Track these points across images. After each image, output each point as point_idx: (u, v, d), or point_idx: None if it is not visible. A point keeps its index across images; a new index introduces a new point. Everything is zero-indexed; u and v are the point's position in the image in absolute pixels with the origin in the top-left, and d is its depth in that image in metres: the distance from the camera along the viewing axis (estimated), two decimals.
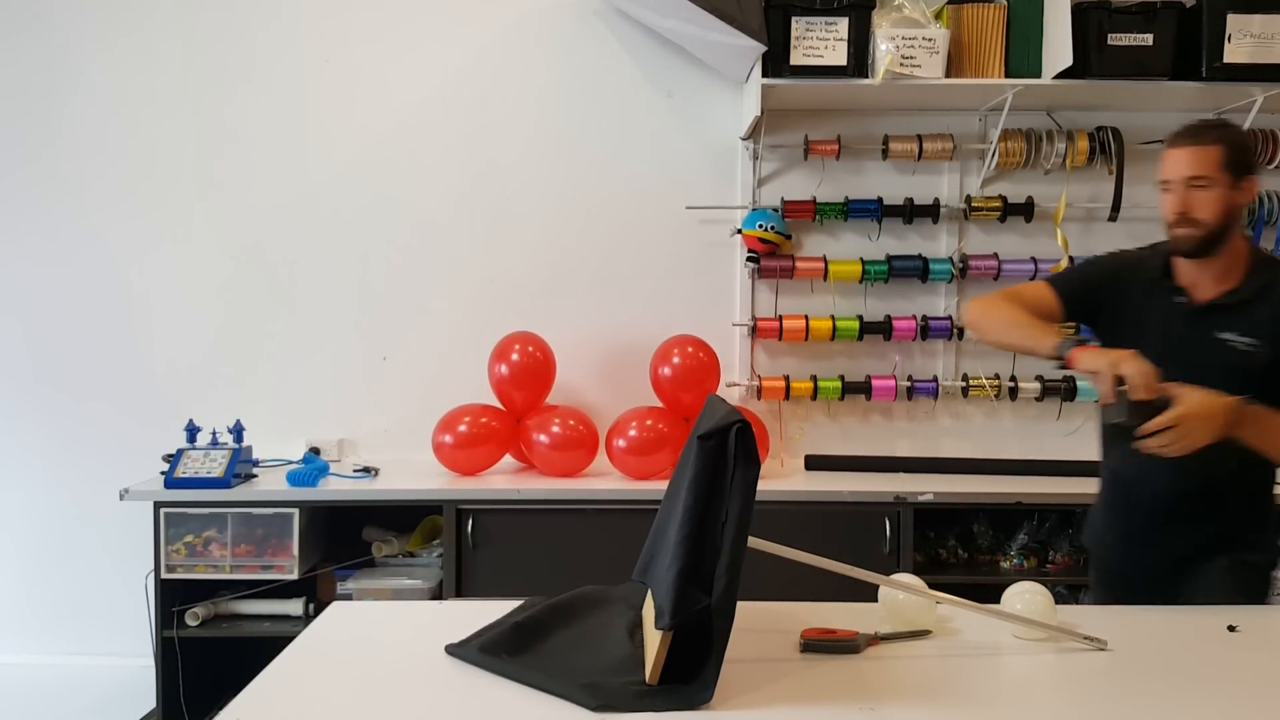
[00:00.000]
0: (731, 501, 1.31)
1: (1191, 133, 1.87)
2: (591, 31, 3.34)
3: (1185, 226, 1.85)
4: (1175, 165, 1.86)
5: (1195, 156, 1.84)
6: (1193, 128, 1.88)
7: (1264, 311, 1.85)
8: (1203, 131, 1.86)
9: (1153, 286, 1.96)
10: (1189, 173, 1.84)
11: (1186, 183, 1.84)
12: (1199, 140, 1.85)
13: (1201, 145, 1.84)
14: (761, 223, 3.21)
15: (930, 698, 1.35)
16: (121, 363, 3.42)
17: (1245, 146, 1.89)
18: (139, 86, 3.39)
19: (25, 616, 3.46)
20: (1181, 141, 1.86)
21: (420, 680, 1.42)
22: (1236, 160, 1.84)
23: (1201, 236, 1.85)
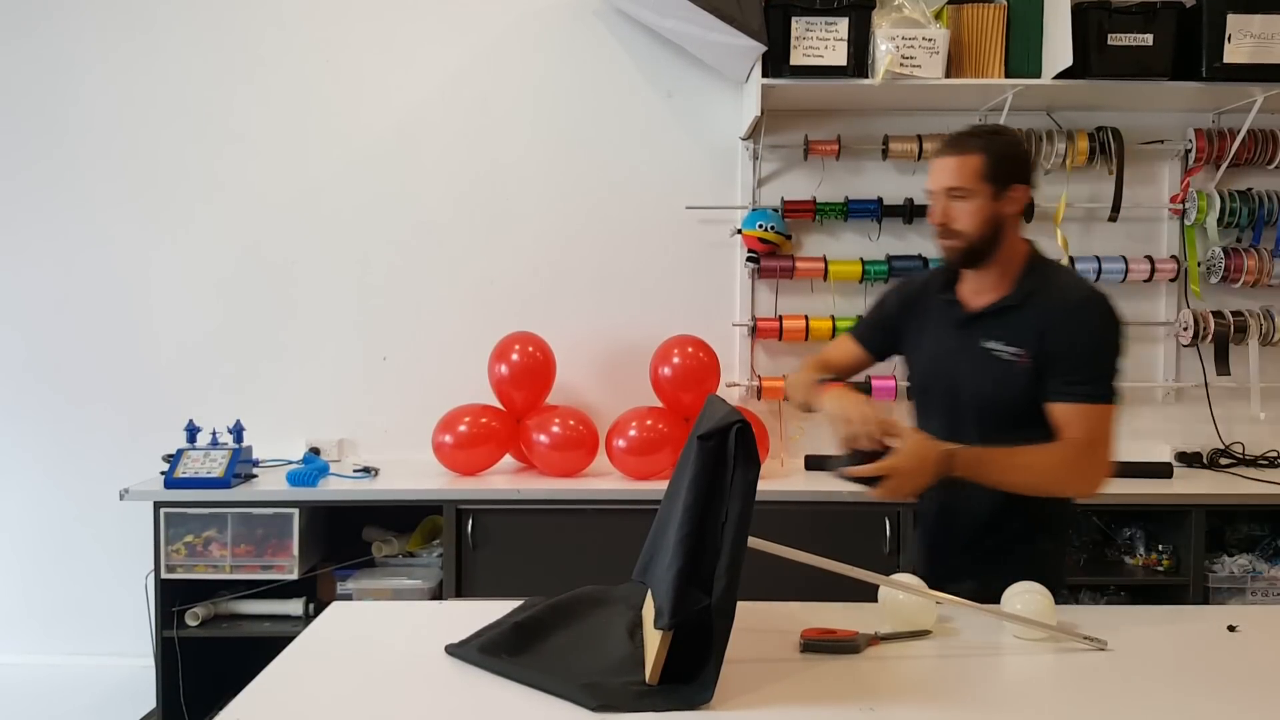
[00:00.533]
0: (731, 501, 1.32)
1: (954, 141, 1.82)
2: (591, 31, 3.34)
3: (947, 237, 1.82)
4: (936, 174, 1.82)
5: (955, 166, 1.79)
6: (957, 136, 1.83)
7: (1028, 319, 1.78)
8: (965, 140, 1.81)
9: (936, 299, 1.94)
10: (948, 183, 1.80)
11: (946, 193, 1.80)
12: (960, 150, 1.80)
13: (962, 155, 1.79)
14: (761, 223, 3.21)
15: (930, 698, 1.35)
16: (122, 363, 3.42)
17: (1011, 155, 1.81)
18: (139, 88, 3.39)
19: (25, 616, 3.46)
20: (944, 150, 1.82)
21: (420, 680, 1.42)
22: (999, 170, 1.78)
23: (963, 247, 1.81)
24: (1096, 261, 3.24)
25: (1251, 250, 3.23)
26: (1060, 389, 1.74)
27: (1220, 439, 3.34)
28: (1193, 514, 2.90)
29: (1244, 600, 2.96)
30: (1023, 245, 1.86)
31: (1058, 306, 1.77)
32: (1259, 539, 3.08)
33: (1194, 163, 3.25)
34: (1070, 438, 1.73)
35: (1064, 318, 1.76)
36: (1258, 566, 2.98)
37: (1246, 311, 3.24)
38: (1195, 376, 3.33)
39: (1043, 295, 1.79)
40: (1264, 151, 3.20)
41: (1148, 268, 3.25)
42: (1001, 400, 1.79)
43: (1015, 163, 1.82)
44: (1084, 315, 1.77)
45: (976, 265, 1.83)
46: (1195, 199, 3.24)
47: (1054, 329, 1.75)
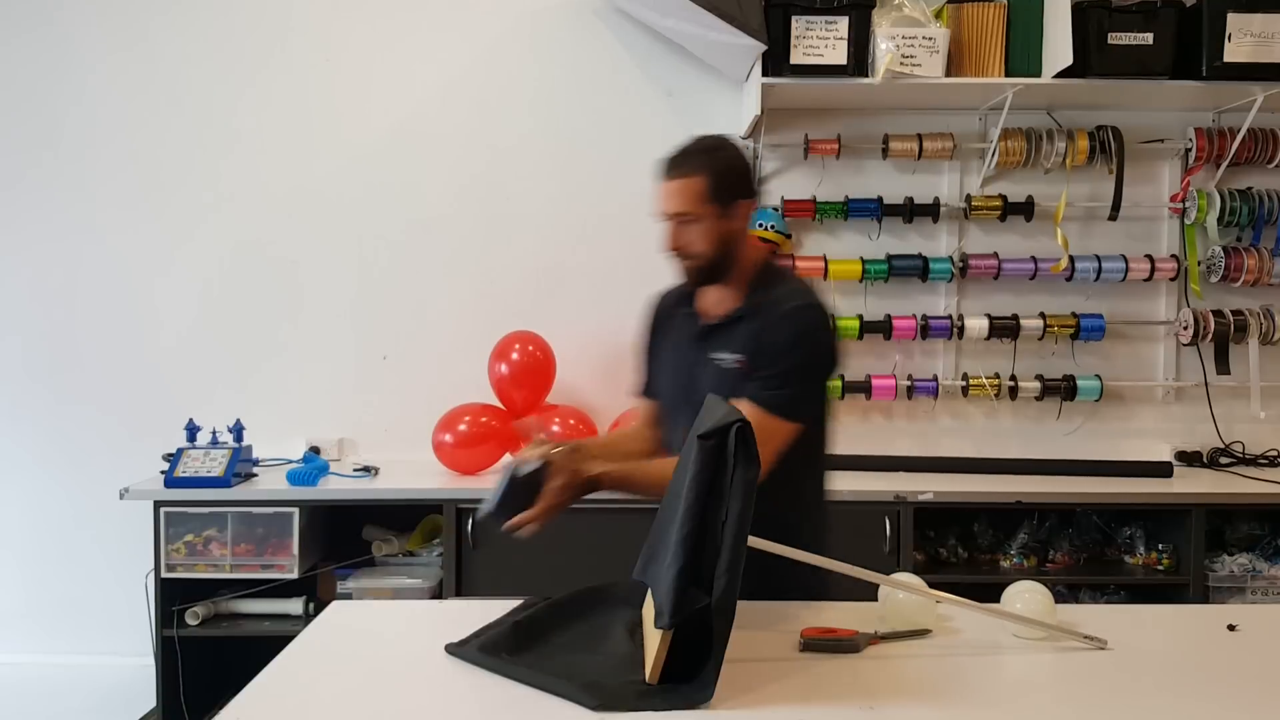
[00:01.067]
0: (731, 501, 1.31)
1: (674, 164, 1.76)
2: (591, 31, 3.34)
3: (681, 259, 1.80)
4: (661, 200, 1.78)
5: (677, 192, 1.75)
6: (676, 158, 1.77)
7: (750, 328, 1.77)
8: (685, 162, 1.76)
9: (679, 314, 1.93)
10: (673, 209, 1.76)
11: (673, 218, 1.77)
12: (680, 173, 1.75)
13: (683, 179, 1.75)
14: (762, 222, 3.21)
15: (930, 697, 1.35)
16: (122, 362, 3.41)
17: (730, 170, 1.77)
18: (141, 89, 3.39)
19: (25, 616, 3.46)
20: (665, 174, 1.77)
21: (420, 680, 1.42)
22: (721, 188, 1.75)
23: (698, 267, 1.79)
24: (1096, 261, 3.24)
25: (1251, 249, 3.23)
26: (752, 389, 1.73)
27: (1220, 438, 3.34)
28: (1193, 513, 2.90)
29: (1244, 600, 2.96)
30: (755, 254, 1.86)
31: (770, 313, 1.76)
32: (1259, 538, 3.08)
33: (1194, 162, 3.25)
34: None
35: (772, 324, 1.75)
36: (1258, 566, 2.98)
37: (1246, 311, 3.24)
38: (1195, 376, 3.33)
39: (764, 303, 1.79)
40: (1264, 151, 3.20)
41: (1148, 267, 3.25)
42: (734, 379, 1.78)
43: (737, 178, 1.78)
44: (789, 323, 1.75)
45: (714, 282, 1.82)
46: (1195, 198, 3.24)
47: (763, 333, 1.75)
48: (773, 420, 1.70)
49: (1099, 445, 3.32)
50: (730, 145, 1.82)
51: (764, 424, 1.66)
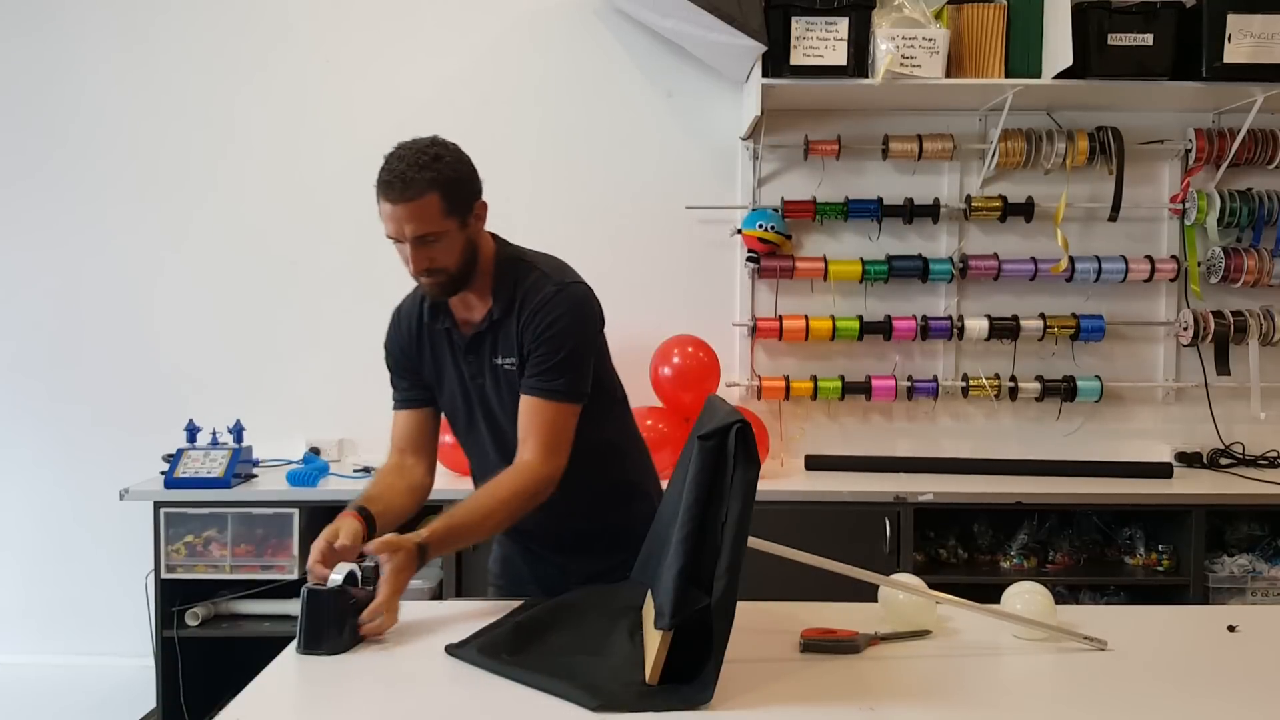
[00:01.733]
0: (731, 501, 1.31)
1: (402, 186, 1.63)
2: (591, 32, 3.34)
3: (431, 278, 1.71)
4: (398, 225, 1.65)
5: (414, 214, 1.64)
6: (401, 178, 1.63)
7: (511, 326, 1.75)
8: (412, 182, 1.63)
9: (433, 330, 1.84)
10: (415, 233, 1.65)
11: (416, 242, 1.66)
12: (411, 194, 1.63)
13: (417, 199, 1.63)
14: (761, 223, 3.21)
15: (930, 698, 1.35)
16: (122, 362, 3.42)
17: (459, 178, 1.70)
18: (142, 90, 3.39)
19: (25, 616, 3.46)
20: (395, 198, 1.63)
21: (420, 680, 1.42)
22: (456, 198, 1.68)
23: (448, 280, 1.72)
24: (1096, 261, 3.24)
25: (1251, 250, 3.23)
26: (531, 384, 1.73)
27: (1220, 439, 3.34)
28: (1193, 514, 2.90)
29: (1244, 600, 2.96)
30: (490, 247, 1.80)
31: (530, 305, 1.74)
32: (1259, 539, 3.08)
33: (1194, 163, 3.25)
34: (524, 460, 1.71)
35: (535, 314, 1.73)
36: (1258, 566, 2.98)
37: (1246, 311, 3.24)
38: (1195, 376, 3.33)
39: (518, 299, 1.76)
40: (1264, 151, 3.20)
41: (1148, 268, 3.25)
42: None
43: (468, 182, 1.73)
44: (552, 310, 1.74)
45: (463, 289, 1.76)
46: (1195, 199, 3.24)
47: (526, 328, 1.74)
48: (554, 408, 1.73)
49: (1099, 446, 3.32)
50: (447, 148, 1.73)
51: (547, 414, 1.72)
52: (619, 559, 1.74)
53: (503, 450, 1.81)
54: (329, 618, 1.49)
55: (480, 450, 1.88)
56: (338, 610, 1.50)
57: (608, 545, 1.83)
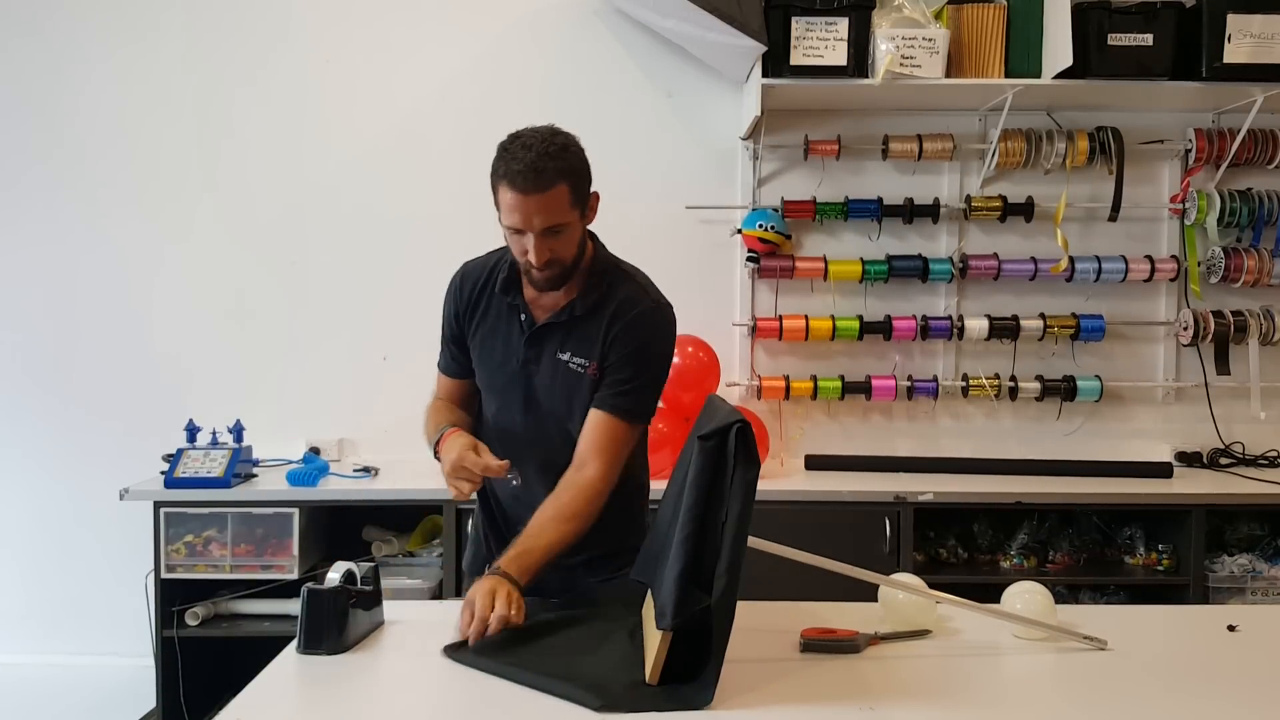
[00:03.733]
0: (732, 501, 1.31)
1: (535, 176, 1.61)
2: (591, 32, 3.34)
3: (548, 269, 1.68)
4: (526, 216, 1.63)
5: (546, 205, 1.63)
6: (534, 170, 1.61)
7: (594, 330, 1.74)
8: (545, 170, 1.62)
9: (499, 301, 1.81)
10: (544, 224, 1.63)
11: (543, 232, 1.64)
12: (544, 184, 1.62)
13: (549, 190, 1.62)
14: (761, 223, 3.21)
15: (930, 698, 1.35)
16: (122, 362, 3.42)
17: (584, 166, 1.70)
18: (141, 86, 3.39)
19: (25, 616, 3.46)
20: (527, 188, 1.62)
21: (420, 680, 1.42)
22: (581, 189, 1.68)
23: (562, 272, 1.71)
24: (1096, 261, 3.24)
25: (1251, 250, 3.23)
26: (611, 401, 1.72)
27: (1220, 439, 3.34)
28: (1193, 514, 2.90)
29: (1244, 600, 2.96)
30: (589, 247, 1.80)
31: (620, 317, 1.74)
32: (1259, 539, 3.08)
33: (1194, 163, 3.25)
34: (589, 478, 1.69)
35: (624, 329, 1.73)
36: (1258, 566, 2.98)
37: (1246, 311, 3.24)
38: (1195, 376, 3.33)
39: (608, 305, 1.75)
40: (1264, 151, 3.20)
41: (1148, 268, 3.25)
42: (575, 412, 1.75)
43: (587, 171, 1.72)
44: (647, 330, 1.75)
45: (569, 281, 1.74)
46: (1195, 199, 3.24)
47: (615, 340, 1.73)
48: (628, 428, 1.73)
49: (1099, 446, 3.32)
50: (573, 139, 1.72)
51: (620, 433, 1.72)
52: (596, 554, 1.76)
53: (533, 436, 1.79)
54: (329, 618, 1.49)
55: (508, 422, 1.82)
56: (338, 610, 1.50)
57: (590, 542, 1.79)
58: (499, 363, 1.81)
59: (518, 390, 1.80)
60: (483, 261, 1.89)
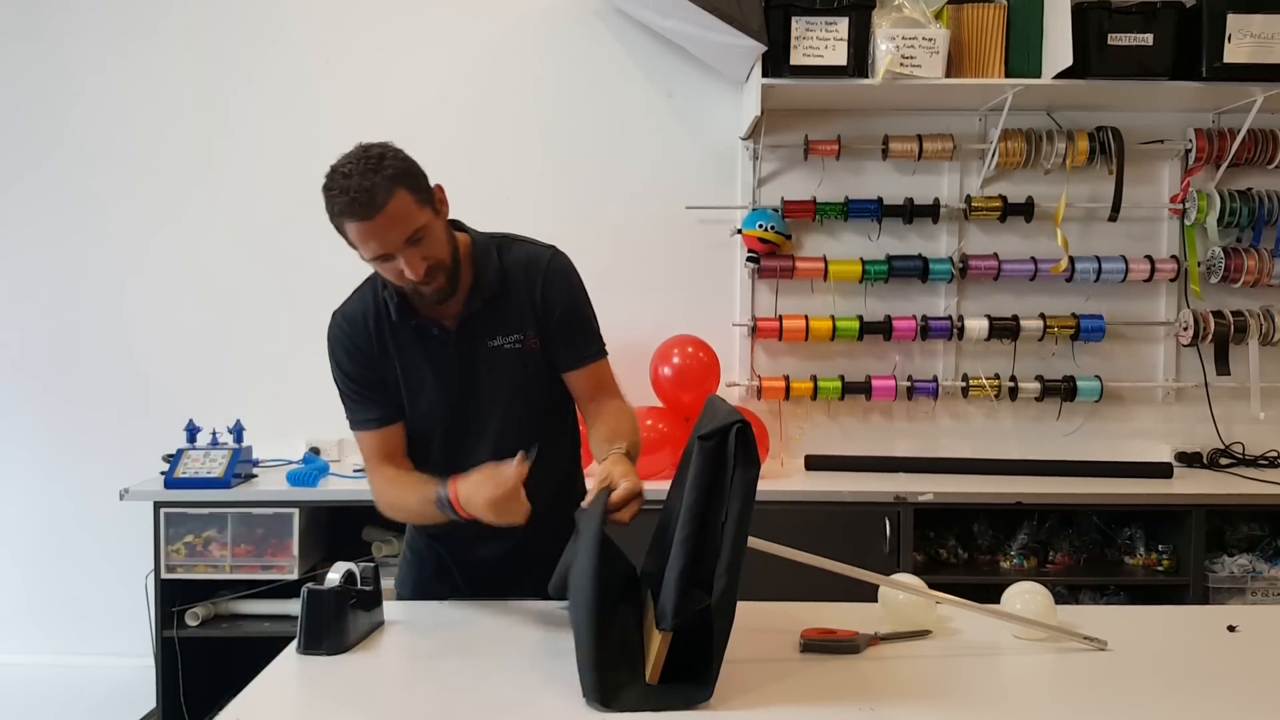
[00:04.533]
0: (732, 502, 1.31)
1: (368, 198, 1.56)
2: (591, 31, 3.34)
3: (431, 279, 1.63)
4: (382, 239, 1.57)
5: (394, 219, 1.57)
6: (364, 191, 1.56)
7: (511, 303, 1.71)
8: (376, 190, 1.56)
9: (403, 331, 1.73)
10: (402, 238, 1.58)
11: (407, 245, 1.59)
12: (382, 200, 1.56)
13: (390, 204, 1.56)
14: (761, 223, 3.21)
15: (930, 698, 1.35)
16: (122, 362, 3.42)
17: (411, 168, 1.65)
18: (142, 87, 3.39)
19: (25, 616, 3.46)
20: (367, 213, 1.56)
21: (420, 680, 1.42)
22: (420, 188, 1.64)
23: (448, 274, 1.65)
24: (1096, 261, 3.24)
25: (1251, 250, 3.23)
26: (577, 357, 1.76)
27: (1220, 439, 3.34)
28: (1193, 514, 2.90)
29: (1244, 600, 2.96)
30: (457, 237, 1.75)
31: (534, 279, 1.74)
32: (1259, 539, 3.08)
33: (1194, 163, 3.25)
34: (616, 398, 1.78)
35: (546, 288, 1.73)
36: (1258, 566, 2.98)
37: (1246, 311, 3.24)
38: (1195, 376, 3.33)
39: (514, 274, 1.74)
40: (1264, 151, 3.20)
41: (1148, 268, 3.24)
42: (525, 392, 1.75)
43: (417, 168, 1.67)
44: (564, 279, 1.77)
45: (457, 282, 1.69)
46: (1195, 199, 3.24)
47: (544, 302, 1.72)
48: (605, 363, 1.81)
49: (1099, 446, 3.32)
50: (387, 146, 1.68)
51: (604, 371, 1.79)
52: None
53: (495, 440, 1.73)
54: (329, 618, 1.49)
55: (469, 454, 1.72)
56: (338, 610, 1.50)
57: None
58: (434, 389, 1.74)
59: (466, 404, 1.75)
60: (357, 303, 1.82)
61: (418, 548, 1.93)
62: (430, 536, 1.88)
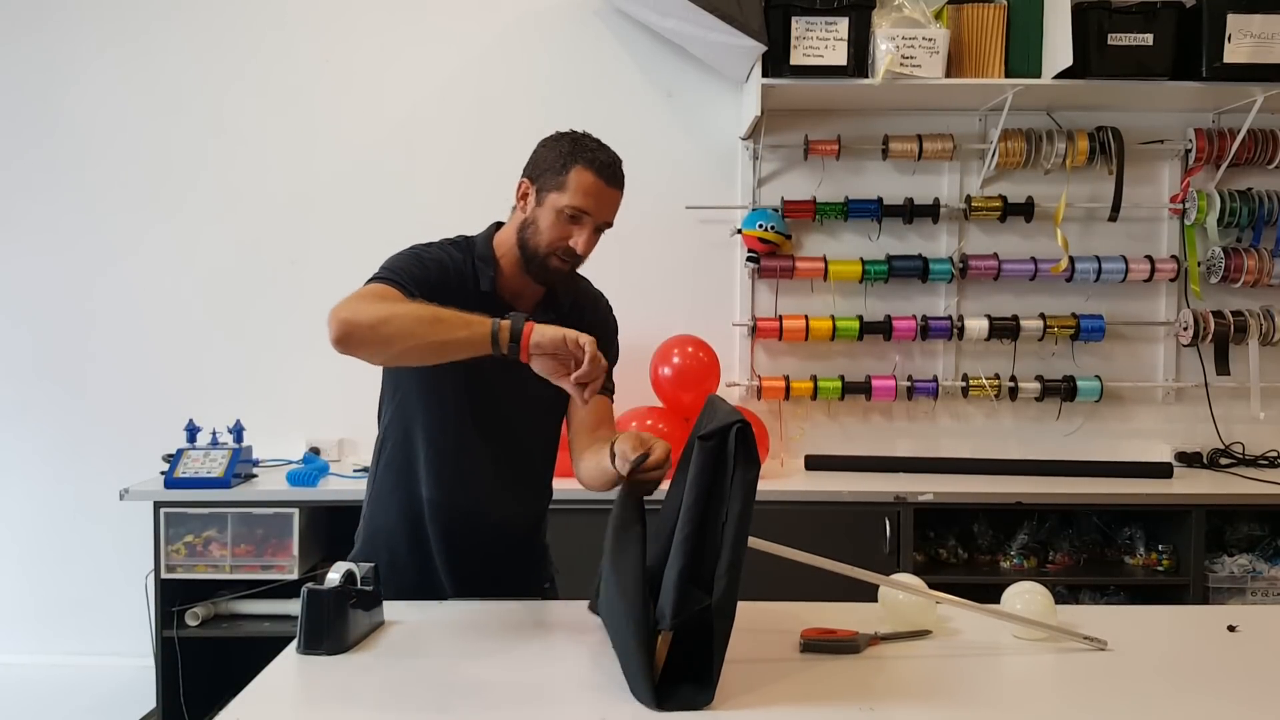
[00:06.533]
0: (732, 502, 1.31)
1: (619, 174, 1.71)
2: (591, 31, 3.34)
3: (571, 263, 1.73)
4: (601, 206, 1.69)
5: (617, 202, 1.73)
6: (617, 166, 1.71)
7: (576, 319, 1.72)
8: (620, 174, 1.72)
9: (483, 300, 1.73)
10: (609, 219, 1.73)
11: (601, 224, 1.72)
12: (621, 183, 1.72)
13: (621, 190, 1.73)
14: (761, 223, 3.21)
15: (930, 698, 1.35)
16: (122, 362, 3.42)
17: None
18: (141, 85, 3.39)
19: (25, 616, 3.46)
20: (613, 181, 1.70)
21: (420, 680, 1.42)
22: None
23: (573, 271, 1.77)
24: (1096, 261, 3.24)
25: (1251, 250, 3.23)
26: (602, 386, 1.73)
27: (1220, 439, 3.34)
28: (1193, 514, 2.90)
29: (1244, 600, 2.96)
30: None
31: (595, 311, 1.87)
32: (1259, 539, 3.08)
33: (1194, 163, 3.25)
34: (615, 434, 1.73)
35: (604, 320, 1.88)
36: (1258, 566, 2.98)
37: (1246, 311, 3.24)
38: (1195, 376, 3.33)
39: (583, 300, 1.88)
40: (1264, 151, 3.20)
41: (1148, 268, 3.25)
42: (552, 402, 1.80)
43: None
44: (610, 317, 1.92)
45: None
46: (1195, 199, 3.24)
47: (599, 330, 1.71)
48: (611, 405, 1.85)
49: (1099, 446, 3.32)
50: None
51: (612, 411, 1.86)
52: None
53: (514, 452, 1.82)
54: (329, 618, 1.49)
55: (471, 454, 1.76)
56: (338, 610, 1.50)
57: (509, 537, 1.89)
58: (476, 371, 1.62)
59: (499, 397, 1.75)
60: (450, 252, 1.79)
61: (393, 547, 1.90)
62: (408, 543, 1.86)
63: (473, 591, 1.80)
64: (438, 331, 1.49)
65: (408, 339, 1.50)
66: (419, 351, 1.53)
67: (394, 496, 1.87)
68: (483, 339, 1.47)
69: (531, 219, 1.75)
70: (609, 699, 1.31)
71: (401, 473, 1.85)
